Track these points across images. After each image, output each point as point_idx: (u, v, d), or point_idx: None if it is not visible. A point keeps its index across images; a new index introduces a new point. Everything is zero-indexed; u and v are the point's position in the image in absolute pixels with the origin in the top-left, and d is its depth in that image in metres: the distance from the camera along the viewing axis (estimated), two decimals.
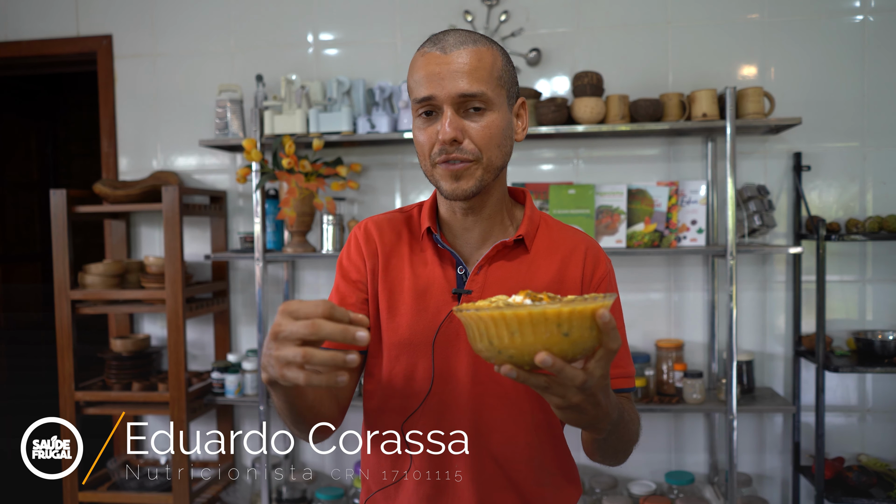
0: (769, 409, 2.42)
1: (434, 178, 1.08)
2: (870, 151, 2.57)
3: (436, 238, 1.13)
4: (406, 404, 1.11)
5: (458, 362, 1.08)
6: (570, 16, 2.70)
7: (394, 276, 1.14)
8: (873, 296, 2.59)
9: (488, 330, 0.76)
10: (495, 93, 1.04)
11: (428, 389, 1.09)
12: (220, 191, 2.87)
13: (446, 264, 1.13)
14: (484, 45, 1.06)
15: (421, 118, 1.07)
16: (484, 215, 1.12)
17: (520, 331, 0.74)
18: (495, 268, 1.11)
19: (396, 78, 2.75)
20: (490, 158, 1.05)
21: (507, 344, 0.75)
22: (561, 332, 0.74)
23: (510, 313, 0.74)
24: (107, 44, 2.95)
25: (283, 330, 0.77)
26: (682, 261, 2.69)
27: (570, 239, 1.16)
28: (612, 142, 2.70)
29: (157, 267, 2.64)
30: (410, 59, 1.09)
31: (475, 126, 1.03)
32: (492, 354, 0.77)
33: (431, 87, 1.03)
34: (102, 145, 2.98)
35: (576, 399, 0.79)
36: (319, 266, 2.88)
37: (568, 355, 0.76)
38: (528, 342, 0.74)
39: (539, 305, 0.74)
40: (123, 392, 2.64)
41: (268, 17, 2.86)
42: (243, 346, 2.93)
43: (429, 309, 1.10)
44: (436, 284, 1.11)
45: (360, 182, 2.81)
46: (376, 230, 1.17)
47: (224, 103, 2.70)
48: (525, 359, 0.75)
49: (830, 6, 2.58)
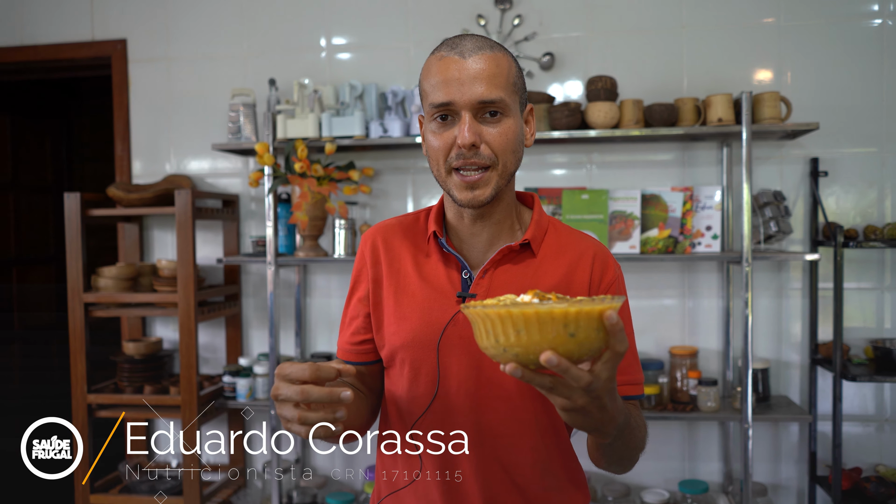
0: (785, 417, 2.39)
1: (447, 185, 1.08)
2: (888, 157, 2.54)
3: (441, 242, 1.14)
4: (412, 408, 1.12)
5: (462, 365, 1.09)
6: (583, 20, 2.68)
7: (399, 279, 1.15)
8: (891, 303, 2.55)
9: (494, 327, 0.76)
10: (511, 99, 1.06)
11: (434, 393, 1.10)
12: (232, 194, 2.87)
13: (451, 268, 1.13)
14: (499, 50, 1.07)
15: (435, 122, 1.07)
16: (492, 221, 1.13)
17: (526, 329, 0.74)
18: (501, 271, 1.11)
19: (409, 82, 2.75)
20: (505, 164, 1.06)
21: (512, 342, 0.75)
22: (567, 332, 0.74)
23: (517, 311, 0.74)
24: (121, 48, 2.96)
25: (280, 394, 0.88)
26: (696, 267, 2.66)
27: (578, 244, 1.16)
28: (625, 147, 2.68)
29: (170, 270, 2.65)
30: (423, 64, 1.09)
31: (492, 132, 1.04)
32: (497, 352, 0.77)
33: (450, 93, 1.03)
34: (116, 149, 3.00)
35: (581, 401, 0.79)
36: (331, 270, 2.88)
37: (574, 356, 0.75)
38: (534, 341, 0.74)
39: (546, 305, 0.74)
40: (135, 395, 2.64)
41: (281, 21, 2.87)
42: (255, 350, 2.93)
43: (433, 312, 1.10)
44: (441, 288, 1.12)
45: (373, 186, 2.81)
46: (381, 238, 1.19)
47: (237, 107, 2.70)
48: (530, 358, 0.75)
49: (847, 10, 2.55)
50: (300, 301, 2.87)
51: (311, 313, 2.90)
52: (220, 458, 2.95)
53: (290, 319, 2.91)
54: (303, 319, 2.89)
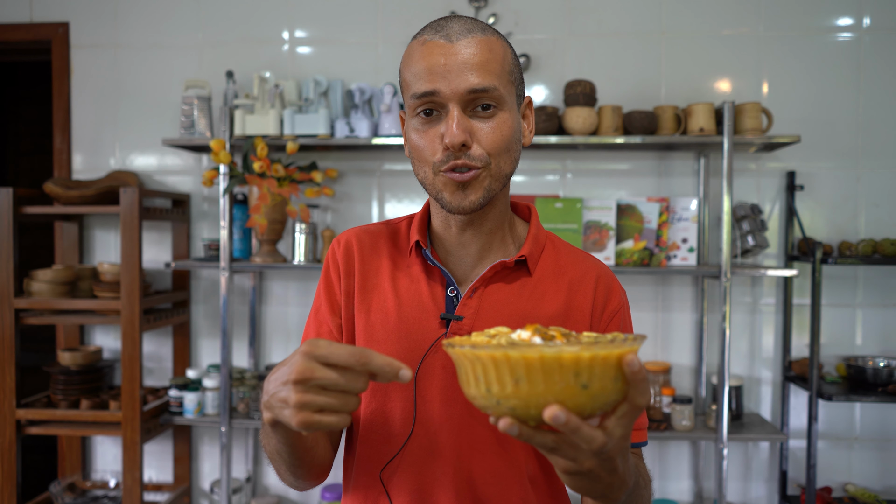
0: (760, 437, 2.32)
1: (436, 188, 0.93)
2: (863, 173, 2.51)
3: (425, 253, 0.98)
4: (383, 449, 0.96)
5: (444, 400, 0.93)
6: (561, 21, 2.58)
7: (373, 296, 0.99)
8: (863, 320, 2.53)
9: (486, 374, 0.62)
10: (506, 89, 0.90)
11: (408, 433, 0.94)
12: (183, 194, 2.67)
13: (435, 284, 0.98)
14: (493, 34, 0.92)
15: (419, 118, 0.91)
16: (484, 230, 0.98)
17: (527, 378, 0.60)
18: (492, 291, 0.96)
19: (377, 80, 2.60)
20: (499, 165, 0.91)
21: (509, 393, 0.61)
22: (579, 382, 0.60)
23: (516, 355, 0.60)
24: (63, 32, 2.73)
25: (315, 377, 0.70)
26: (670, 280, 2.59)
27: (579, 264, 1.02)
28: (601, 154, 2.59)
29: (113, 275, 2.43)
30: (392, 60, 0.94)
31: (484, 127, 0.89)
32: (488, 404, 0.63)
33: (435, 81, 0.87)
34: (55, 141, 2.76)
35: (589, 464, 0.65)
36: (289, 277, 2.70)
37: (585, 411, 0.62)
38: (537, 392, 0.60)
39: (553, 347, 0.59)
40: (71, 410, 2.42)
41: (240, 9, 2.68)
42: (204, 361, 2.73)
43: (412, 336, 0.95)
44: (421, 307, 0.96)
45: (336, 189, 2.65)
46: (357, 244, 1.03)
47: (191, 100, 2.51)
48: (531, 413, 0.61)
49: (823, 24, 2.51)
50: (255, 309, 2.68)
51: (267, 322, 2.72)
52: (164, 475, 2.75)
53: (243, 328, 2.72)
54: (258, 328, 2.71)
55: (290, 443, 0.85)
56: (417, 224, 1.01)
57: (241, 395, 2.49)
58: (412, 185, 2.65)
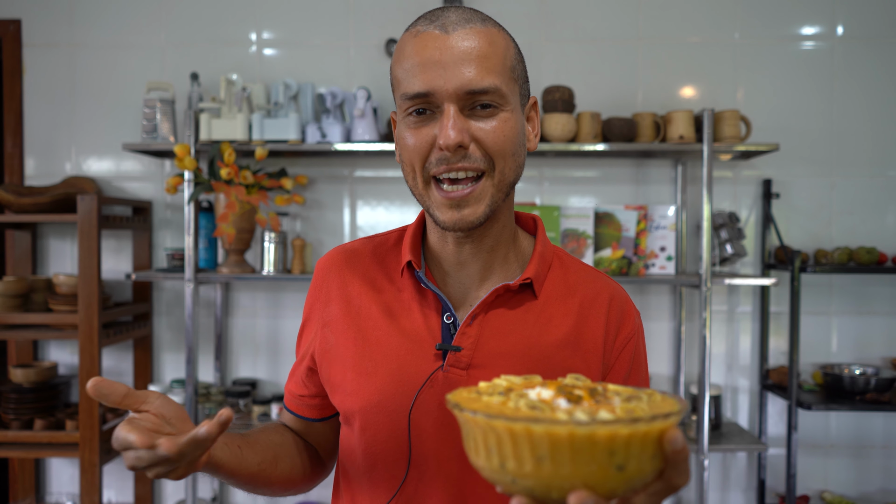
0: (741, 447, 2.30)
1: (426, 201, 0.84)
2: (838, 181, 2.52)
3: (419, 276, 0.88)
4: (376, 492, 0.87)
5: (442, 441, 0.84)
6: (537, 26, 2.54)
7: (360, 323, 0.90)
8: (839, 328, 2.53)
9: (501, 447, 0.52)
10: (509, 88, 0.81)
11: (403, 476, 0.85)
12: (144, 201, 2.54)
13: (429, 309, 0.88)
14: (493, 25, 0.82)
15: (410, 118, 0.82)
16: (485, 247, 0.88)
17: (551, 457, 0.50)
18: (493, 317, 0.87)
19: (349, 83, 2.51)
20: (503, 171, 0.82)
21: (528, 472, 0.51)
22: (613, 463, 0.50)
23: (541, 431, 0.49)
24: (14, 29, 2.58)
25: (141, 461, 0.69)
26: (647, 289, 2.56)
27: (590, 284, 0.92)
28: (579, 161, 2.55)
29: (69, 287, 2.30)
30: (365, 63, 0.87)
31: (484, 128, 0.80)
32: (501, 480, 0.54)
33: (429, 79, 0.78)
34: (6, 145, 2.61)
35: None
36: (257, 288, 2.60)
37: (616, 494, 0.52)
38: (563, 475, 0.50)
39: (585, 424, 0.49)
40: (24, 431, 2.27)
41: (205, 9, 2.57)
42: (167, 376, 2.61)
43: (403, 369, 0.85)
44: (415, 336, 0.87)
45: (306, 196, 2.56)
46: (337, 267, 0.95)
47: (153, 103, 2.39)
48: (552, 495, 0.52)
49: (797, 32, 2.51)
50: (221, 321, 2.57)
51: (234, 335, 2.61)
52: (124, 496, 2.61)
53: (208, 342, 2.60)
54: (224, 342, 2.59)
55: (220, 475, 0.83)
56: (410, 240, 0.91)
57: (206, 412, 2.38)
58: (385, 192, 2.57)
